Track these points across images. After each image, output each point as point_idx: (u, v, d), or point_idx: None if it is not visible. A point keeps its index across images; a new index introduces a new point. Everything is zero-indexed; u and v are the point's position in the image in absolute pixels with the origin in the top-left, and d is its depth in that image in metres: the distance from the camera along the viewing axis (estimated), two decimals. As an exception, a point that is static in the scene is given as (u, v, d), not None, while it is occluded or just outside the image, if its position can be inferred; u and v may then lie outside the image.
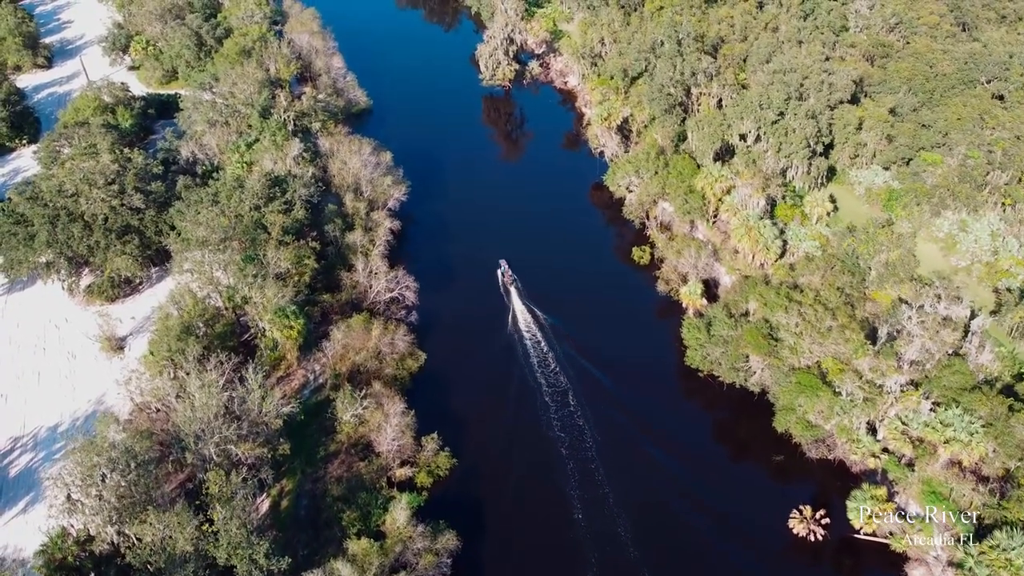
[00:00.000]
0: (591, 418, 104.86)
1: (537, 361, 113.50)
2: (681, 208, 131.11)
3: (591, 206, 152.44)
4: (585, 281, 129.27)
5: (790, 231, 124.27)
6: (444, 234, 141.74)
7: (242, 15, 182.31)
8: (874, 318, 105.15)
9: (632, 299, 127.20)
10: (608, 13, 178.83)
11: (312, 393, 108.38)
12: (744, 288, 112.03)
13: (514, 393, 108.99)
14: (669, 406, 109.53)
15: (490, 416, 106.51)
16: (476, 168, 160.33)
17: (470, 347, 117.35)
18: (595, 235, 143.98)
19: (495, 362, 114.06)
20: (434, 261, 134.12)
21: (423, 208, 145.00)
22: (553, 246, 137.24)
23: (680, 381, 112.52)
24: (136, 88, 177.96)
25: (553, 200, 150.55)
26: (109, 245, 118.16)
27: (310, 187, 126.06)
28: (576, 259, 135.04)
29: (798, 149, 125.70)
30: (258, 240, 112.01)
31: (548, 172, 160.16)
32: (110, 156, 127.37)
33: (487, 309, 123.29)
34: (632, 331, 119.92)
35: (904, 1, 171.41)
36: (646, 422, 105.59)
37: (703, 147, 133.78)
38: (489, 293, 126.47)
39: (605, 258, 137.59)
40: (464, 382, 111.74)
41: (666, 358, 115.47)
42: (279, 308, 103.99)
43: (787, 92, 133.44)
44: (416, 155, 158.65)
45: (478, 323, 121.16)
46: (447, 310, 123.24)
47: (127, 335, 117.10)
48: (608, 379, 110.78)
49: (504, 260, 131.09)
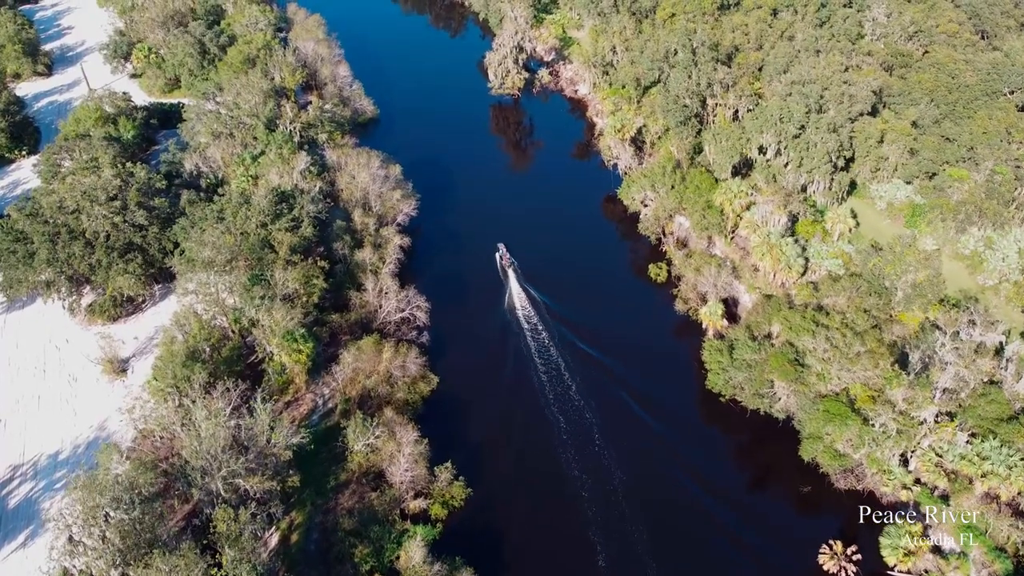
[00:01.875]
0: (613, 449, 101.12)
1: (551, 381, 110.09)
2: (699, 224, 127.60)
3: (604, 219, 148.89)
4: (600, 298, 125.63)
5: (811, 248, 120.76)
6: (454, 248, 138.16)
7: (246, 22, 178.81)
8: (903, 341, 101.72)
9: (649, 318, 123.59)
10: (619, 20, 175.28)
11: (321, 418, 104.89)
12: (766, 309, 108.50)
13: (529, 420, 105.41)
14: (691, 432, 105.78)
15: (504, 445, 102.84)
16: (486, 179, 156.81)
17: (482, 369, 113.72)
18: (609, 250, 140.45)
19: (509, 387, 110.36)
20: (444, 277, 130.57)
21: (433, 221, 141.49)
22: (566, 262, 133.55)
23: (701, 405, 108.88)
24: (138, 96, 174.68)
25: (565, 213, 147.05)
26: (111, 263, 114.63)
27: (318, 203, 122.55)
28: (590, 276, 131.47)
29: (820, 164, 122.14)
30: (265, 260, 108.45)
31: (559, 184, 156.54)
32: (112, 171, 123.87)
33: (499, 330, 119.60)
34: (650, 352, 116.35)
35: (922, 9, 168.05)
36: (668, 449, 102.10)
37: (721, 161, 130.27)
38: (500, 312, 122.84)
39: (620, 274, 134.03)
40: (477, 406, 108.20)
41: (686, 381, 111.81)
42: (287, 332, 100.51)
43: (806, 104, 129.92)
44: (424, 165, 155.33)
45: (490, 345, 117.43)
46: (459, 330, 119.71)
47: (130, 356, 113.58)
48: (629, 402, 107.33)
49: (502, 244, 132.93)
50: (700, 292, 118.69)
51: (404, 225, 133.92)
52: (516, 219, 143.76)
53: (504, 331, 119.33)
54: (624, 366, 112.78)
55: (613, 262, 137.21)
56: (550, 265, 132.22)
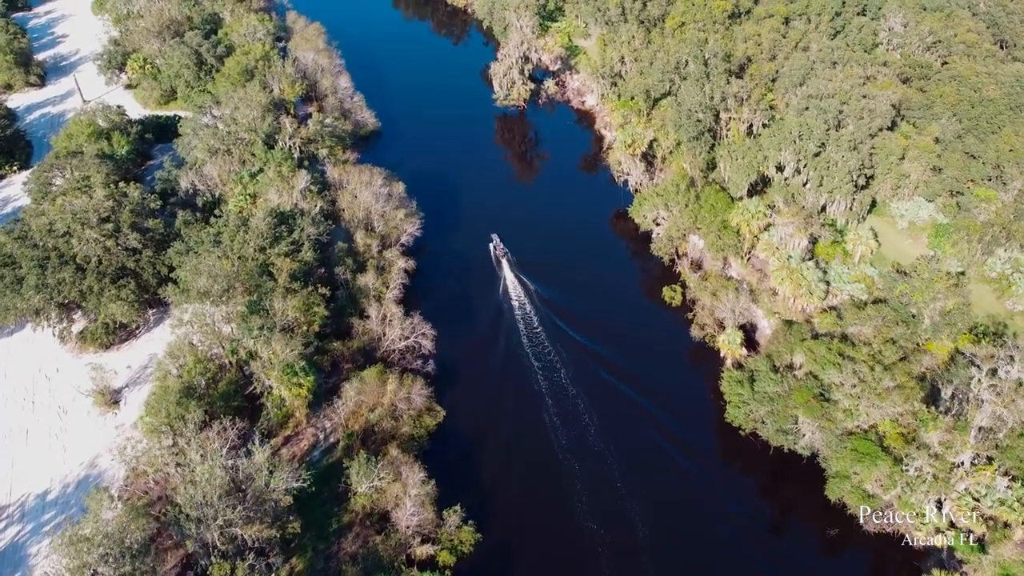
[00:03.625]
0: (634, 497, 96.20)
1: (562, 416, 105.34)
2: (714, 245, 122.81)
3: (615, 237, 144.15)
4: (613, 322, 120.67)
5: (832, 271, 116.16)
6: (460, 269, 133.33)
7: (244, 32, 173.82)
8: (932, 374, 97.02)
9: (663, 344, 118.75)
10: (628, 30, 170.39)
11: (323, 455, 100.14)
12: (788, 337, 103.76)
13: (542, 459, 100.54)
14: (711, 468, 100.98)
15: (516, 487, 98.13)
16: (491, 196, 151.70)
17: (491, 401, 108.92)
18: (621, 270, 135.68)
19: (520, 422, 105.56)
20: (450, 299, 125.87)
21: (437, 240, 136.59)
22: (577, 283, 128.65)
23: (720, 437, 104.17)
24: (133, 108, 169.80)
25: (575, 231, 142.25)
26: (103, 289, 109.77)
27: (318, 225, 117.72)
28: (601, 297, 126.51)
29: (841, 184, 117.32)
30: (264, 287, 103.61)
31: (568, 200, 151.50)
32: (104, 191, 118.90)
33: (508, 358, 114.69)
34: (666, 382, 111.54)
35: (939, 18, 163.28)
36: (688, 488, 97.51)
37: (737, 179, 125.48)
38: (510, 338, 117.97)
39: (633, 296, 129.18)
40: (487, 442, 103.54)
41: (704, 412, 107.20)
42: (287, 365, 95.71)
43: (825, 119, 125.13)
44: (428, 181, 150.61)
45: (499, 374, 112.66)
46: (466, 357, 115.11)
47: (122, 387, 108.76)
48: (649, 438, 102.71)
49: (495, 234, 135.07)
50: (717, 318, 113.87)
51: (408, 245, 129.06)
52: (523, 237, 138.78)
53: (514, 359, 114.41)
54: (640, 395, 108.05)
55: (625, 283, 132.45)
56: (561, 286, 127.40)
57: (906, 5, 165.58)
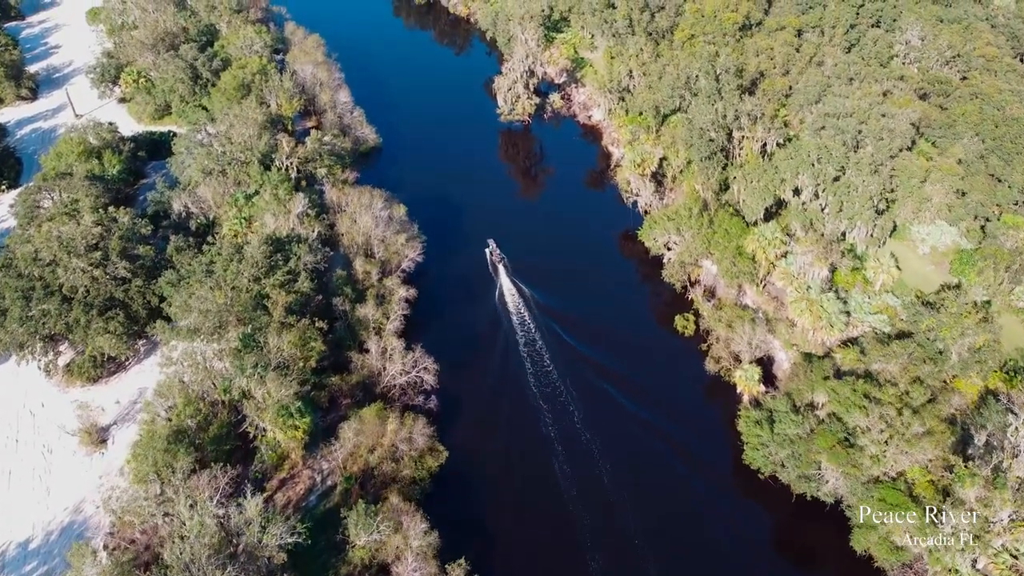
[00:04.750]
0: (647, 542, 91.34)
1: (572, 463, 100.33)
2: (728, 272, 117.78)
3: (623, 259, 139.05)
4: (622, 352, 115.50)
5: (852, 300, 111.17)
6: (462, 294, 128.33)
7: (241, 44, 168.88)
8: (963, 416, 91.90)
9: (676, 377, 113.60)
10: (636, 43, 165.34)
11: (320, 499, 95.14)
12: (808, 375, 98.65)
13: (551, 508, 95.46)
14: (729, 513, 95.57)
15: (525, 537, 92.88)
16: (495, 216, 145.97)
17: (497, 441, 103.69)
18: (630, 295, 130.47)
19: (527, 461, 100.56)
20: (453, 329, 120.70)
21: (439, 262, 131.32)
22: (584, 310, 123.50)
23: (738, 479, 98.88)
24: (127, 123, 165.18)
25: (582, 253, 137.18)
26: (90, 322, 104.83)
27: (316, 252, 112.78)
28: (609, 325, 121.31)
29: (862, 211, 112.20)
30: (258, 322, 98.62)
31: (575, 220, 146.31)
32: (93, 216, 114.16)
33: (515, 395, 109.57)
34: (680, 419, 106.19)
35: (957, 31, 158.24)
36: (705, 536, 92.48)
37: (752, 203, 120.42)
38: (516, 372, 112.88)
39: (643, 325, 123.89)
40: (493, 485, 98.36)
41: (720, 452, 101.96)
42: (282, 406, 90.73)
43: (843, 140, 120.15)
44: (430, 201, 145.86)
45: (506, 411, 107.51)
46: (470, 392, 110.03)
47: (110, 424, 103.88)
48: (664, 484, 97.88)
49: (492, 239, 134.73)
50: (733, 351, 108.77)
51: (409, 271, 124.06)
52: (529, 259, 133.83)
53: (520, 395, 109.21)
54: (656, 439, 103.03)
55: (635, 310, 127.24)
56: (567, 313, 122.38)
57: (923, 17, 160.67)
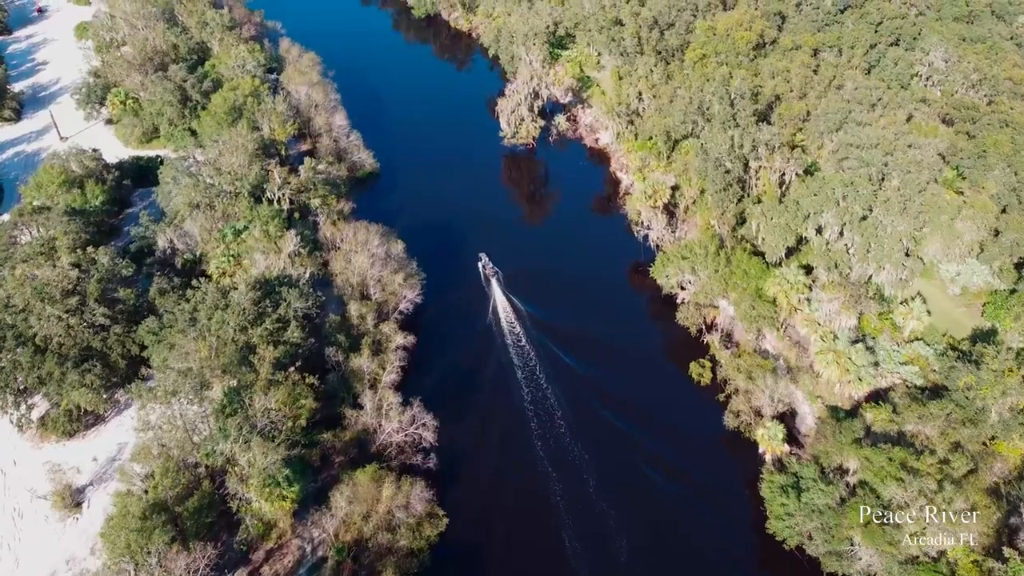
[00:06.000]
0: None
1: (577, 522, 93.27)
2: (747, 315, 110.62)
3: (632, 294, 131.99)
4: (637, 408, 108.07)
5: (880, 349, 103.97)
6: (464, 335, 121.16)
7: (233, 64, 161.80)
8: (1007, 486, 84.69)
9: (692, 431, 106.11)
10: (645, 62, 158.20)
11: (310, 572, 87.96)
12: (838, 436, 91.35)
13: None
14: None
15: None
16: (499, 247, 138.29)
17: (500, 509, 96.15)
18: (640, 336, 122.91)
19: (533, 534, 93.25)
20: (453, 375, 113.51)
21: (439, 299, 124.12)
22: (594, 351, 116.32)
23: (761, 551, 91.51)
24: (114, 146, 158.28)
25: (588, 288, 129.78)
26: (64, 375, 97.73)
27: (308, 298, 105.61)
28: (621, 370, 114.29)
29: (891, 253, 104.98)
30: (244, 379, 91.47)
31: (581, 250, 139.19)
32: (70, 258, 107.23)
33: (519, 451, 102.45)
34: (697, 481, 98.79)
35: (982, 51, 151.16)
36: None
37: (773, 242, 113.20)
38: (523, 427, 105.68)
39: (655, 371, 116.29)
40: (495, 560, 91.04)
41: (742, 517, 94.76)
42: (268, 476, 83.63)
43: (868, 174, 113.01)
44: (430, 228, 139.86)
45: (507, 468, 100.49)
46: (472, 447, 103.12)
47: (86, 485, 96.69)
48: (685, 554, 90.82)
49: (484, 253, 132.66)
50: (753, 406, 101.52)
51: (407, 313, 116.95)
52: (535, 295, 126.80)
53: (529, 456, 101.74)
54: (669, 498, 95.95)
55: (647, 353, 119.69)
56: (576, 354, 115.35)
57: (945, 37, 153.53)
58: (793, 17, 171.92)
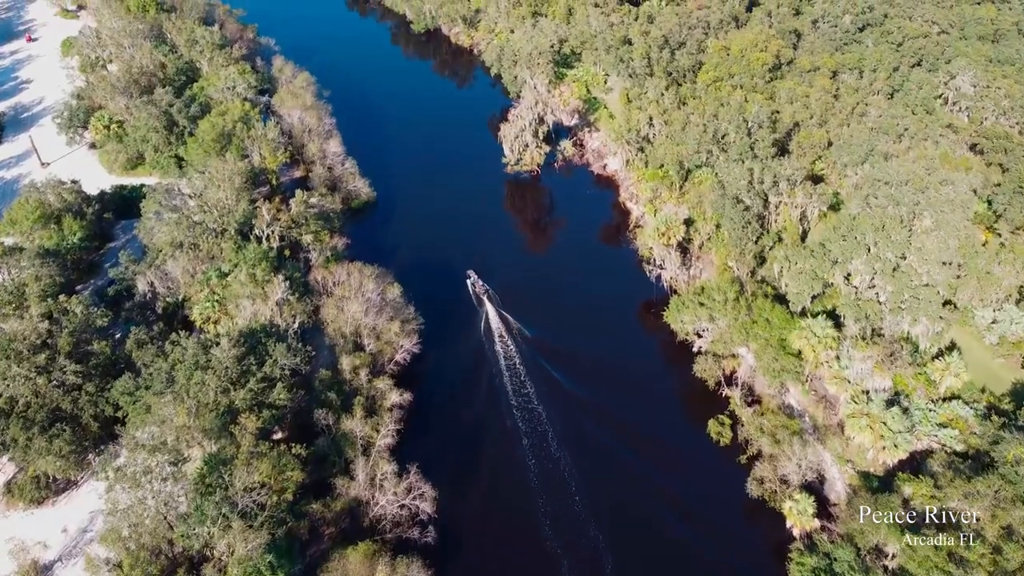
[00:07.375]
0: None
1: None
2: (770, 369, 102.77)
3: (644, 336, 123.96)
4: (652, 472, 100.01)
5: (915, 409, 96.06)
6: (465, 386, 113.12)
7: (222, 86, 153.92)
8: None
9: (712, 498, 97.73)
10: (655, 85, 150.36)
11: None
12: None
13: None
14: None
15: None
16: (501, 282, 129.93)
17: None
18: (654, 387, 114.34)
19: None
20: (454, 438, 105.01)
21: (438, 345, 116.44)
22: (604, 406, 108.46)
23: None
24: (97, 173, 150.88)
25: (598, 331, 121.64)
26: (30, 440, 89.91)
27: (296, 353, 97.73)
28: (633, 426, 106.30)
29: (928, 306, 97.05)
30: (224, 451, 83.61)
31: (587, 288, 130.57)
32: (40, 307, 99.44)
33: (526, 525, 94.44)
34: (720, 555, 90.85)
35: (1012, 73, 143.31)
36: None
37: (797, 288, 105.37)
38: (529, 496, 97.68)
39: (671, 428, 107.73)
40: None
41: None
42: (251, 566, 75.80)
43: (900, 215, 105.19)
44: (428, 264, 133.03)
45: (515, 542, 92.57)
46: (473, 521, 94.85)
47: (55, 561, 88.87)
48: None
49: (472, 271, 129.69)
50: (779, 473, 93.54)
51: (404, 364, 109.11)
52: (543, 343, 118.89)
53: (535, 533, 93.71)
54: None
55: (660, 405, 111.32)
56: (582, 407, 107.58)
57: (972, 59, 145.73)
58: (809, 35, 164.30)
